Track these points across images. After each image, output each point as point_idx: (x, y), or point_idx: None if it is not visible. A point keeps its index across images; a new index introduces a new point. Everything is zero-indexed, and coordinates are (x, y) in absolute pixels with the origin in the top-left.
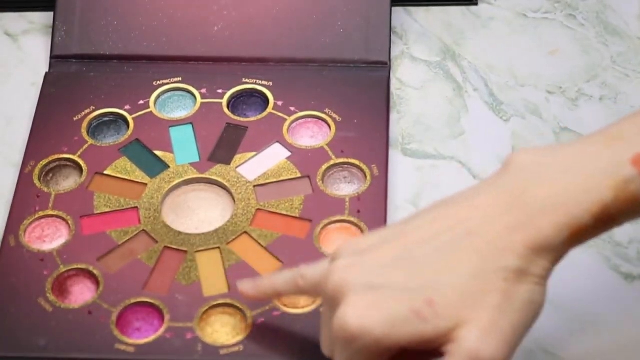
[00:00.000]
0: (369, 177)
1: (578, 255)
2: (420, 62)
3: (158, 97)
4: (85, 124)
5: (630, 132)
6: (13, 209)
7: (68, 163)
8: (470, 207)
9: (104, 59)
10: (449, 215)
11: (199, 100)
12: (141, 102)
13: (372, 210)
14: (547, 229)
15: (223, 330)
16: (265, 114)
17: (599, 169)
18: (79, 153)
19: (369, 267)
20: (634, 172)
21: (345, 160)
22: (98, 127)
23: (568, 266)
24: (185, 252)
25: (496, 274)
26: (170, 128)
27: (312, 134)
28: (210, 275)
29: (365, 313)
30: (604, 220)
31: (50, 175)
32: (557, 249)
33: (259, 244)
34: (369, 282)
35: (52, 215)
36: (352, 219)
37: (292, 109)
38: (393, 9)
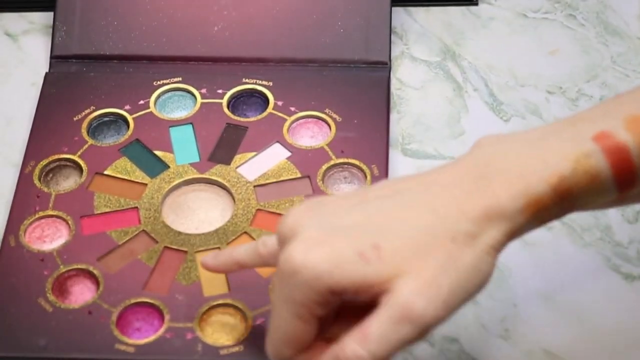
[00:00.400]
0: (369, 177)
1: (578, 255)
2: (420, 62)
3: (158, 97)
4: (85, 124)
5: (596, 113)
6: (13, 209)
7: (68, 163)
8: (434, 175)
9: (104, 59)
10: (412, 179)
11: (199, 100)
12: (141, 102)
13: None
14: (501, 195)
15: (223, 331)
16: (265, 114)
17: (560, 144)
18: (79, 153)
19: (325, 212)
20: (594, 147)
21: (346, 160)
22: (98, 127)
23: (568, 266)
24: (186, 252)
25: (446, 233)
26: (170, 128)
27: (312, 134)
28: (211, 275)
29: (312, 248)
30: (562, 193)
31: (50, 175)
32: (511, 218)
33: None
34: (321, 223)
35: (52, 216)
36: None
37: (292, 109)
38: (393, 9)
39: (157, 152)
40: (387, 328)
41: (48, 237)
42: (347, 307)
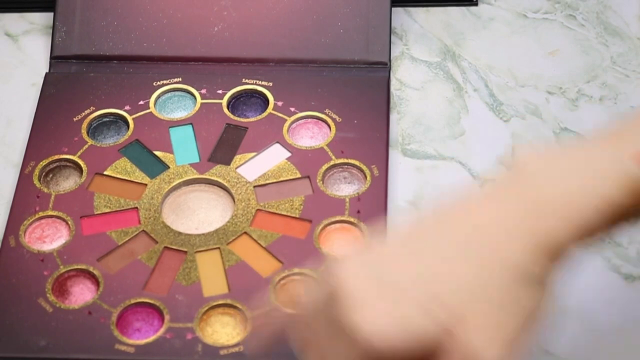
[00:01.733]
0: (369, 178)
1: (578, 255)
2: (420, 63)
3: (158, 97)
4: (85, 125)
5: (633, 131)
6: (13, 210)
7: (68, 163)
8: (481, 209)
9: (104, 59)
10: (458, 218)
11: (199, 100)
12: (141, 102)
13: (372, 210)
14: (559, 230)
15: (223, 331)
16: (265, 114)
17: (603, 168)
18: (78, 153)
19: (375, 264)
20: (637, 169)
21: (345, 160)
22: (98, 128)
23: (568, 266)
24: (185, 252)
25: (504, 271)
26: (170, 128)
27: (312, 135)
28: (210, 275)
29: (379, 319)
30: (612, 217)
31: (50, 175)
32: (568, 249)
33: (259, 244)
34: (375, 278)
35: (52, 216)
36: (352, 219)
37: (292, 109)
38: (393, 9)
39: (157, 153)
40: None
41: (48, 237)
42: None
